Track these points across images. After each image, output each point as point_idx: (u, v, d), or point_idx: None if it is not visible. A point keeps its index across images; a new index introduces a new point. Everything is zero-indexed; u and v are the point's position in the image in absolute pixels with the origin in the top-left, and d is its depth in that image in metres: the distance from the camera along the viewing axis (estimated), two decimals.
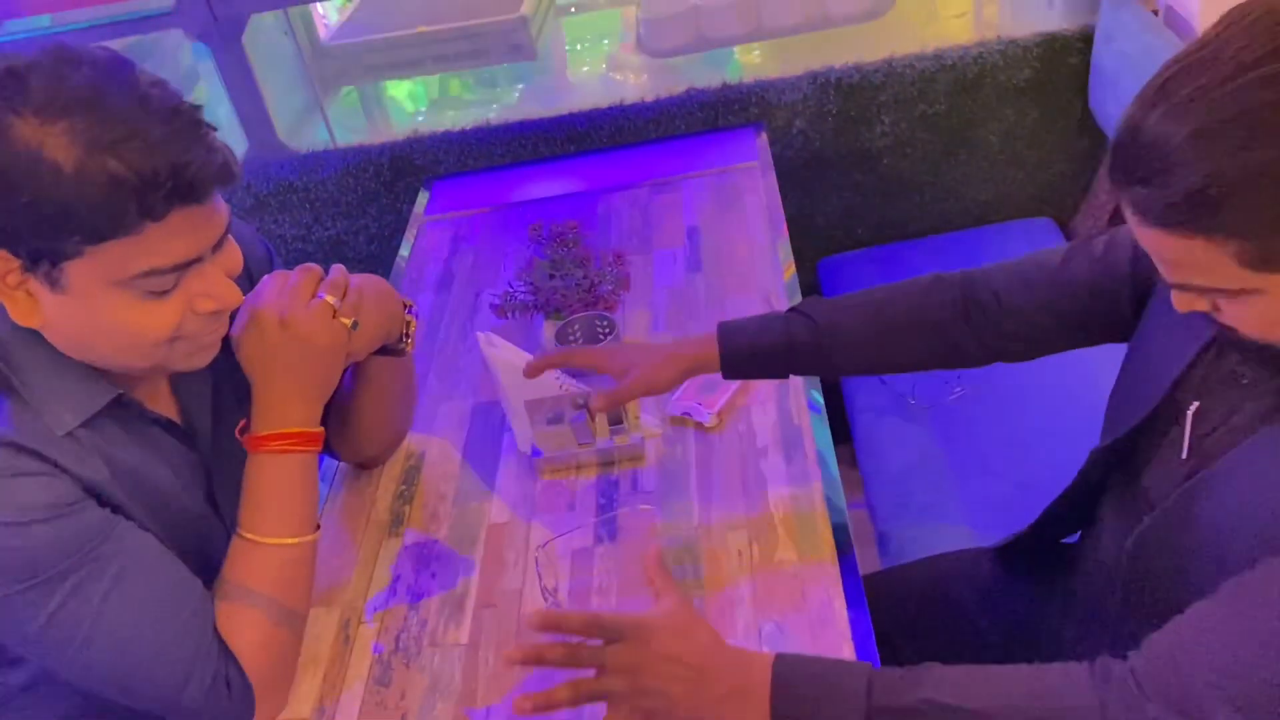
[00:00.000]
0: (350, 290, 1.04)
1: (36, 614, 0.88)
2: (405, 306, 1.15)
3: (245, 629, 0.98)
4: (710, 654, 0.85)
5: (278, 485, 1.01)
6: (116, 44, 1.79)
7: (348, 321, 1.02)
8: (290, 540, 1.01)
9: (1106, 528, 1.00)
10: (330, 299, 1.01)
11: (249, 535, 1.00)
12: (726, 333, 1.10)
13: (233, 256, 0.94)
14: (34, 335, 0.91)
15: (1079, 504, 1.06)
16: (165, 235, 0.85)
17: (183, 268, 0.88)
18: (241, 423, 1.03)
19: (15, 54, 0.84)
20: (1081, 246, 1.02)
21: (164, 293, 0.88)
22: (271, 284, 1.02)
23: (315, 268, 1.04)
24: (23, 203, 0.81)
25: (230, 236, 0.93)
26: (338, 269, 1.05)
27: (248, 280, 1.06)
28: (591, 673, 0.86)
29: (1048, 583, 1.15)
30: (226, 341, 1.00)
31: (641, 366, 1.09)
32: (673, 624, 0.87)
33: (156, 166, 0.81)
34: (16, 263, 0.85)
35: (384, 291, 1.11)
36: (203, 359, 0.97)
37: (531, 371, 1.13)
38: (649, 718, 0.84)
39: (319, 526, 1.05)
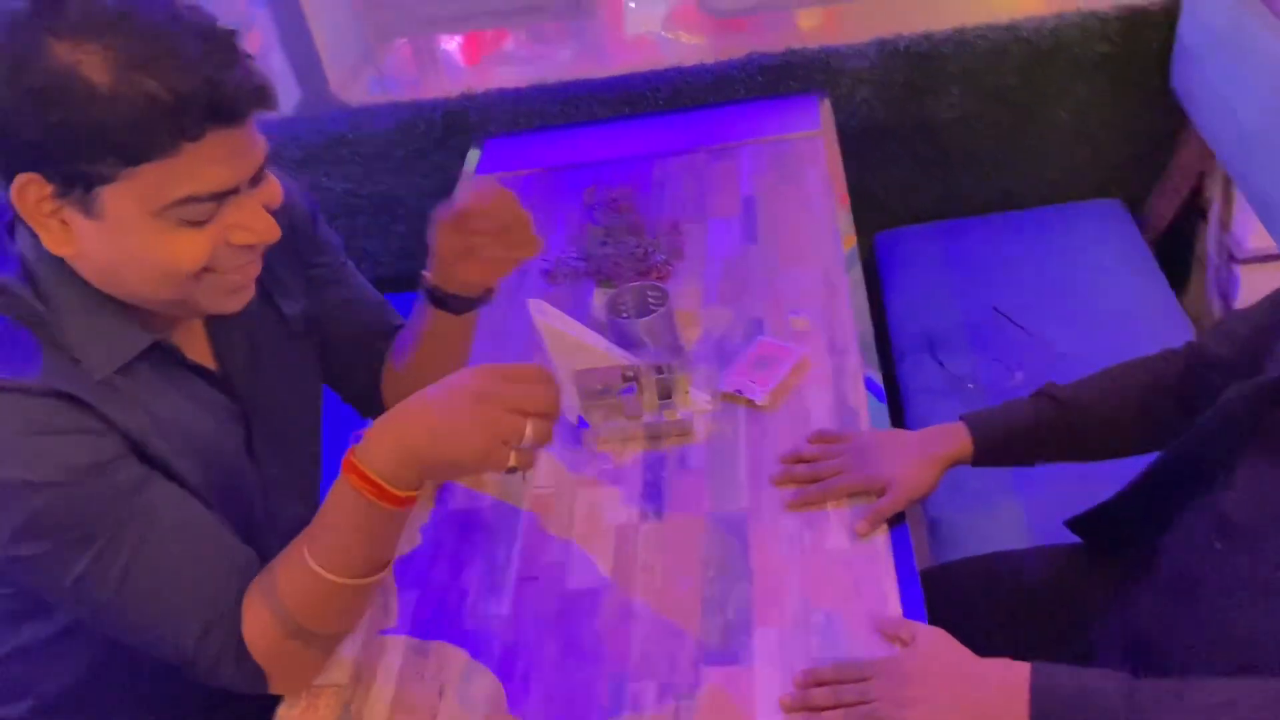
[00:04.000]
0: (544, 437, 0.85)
1: (67, 570, 0.87)
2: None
3: (259, 631, 0.93)
4: (967, 660, 0.90)
5: (359, 525, 0.89)
6: None
7: (512, 462, 0.84)
8: (351, 581, 0.92)
9: (1243, 476, 0.91)
10: (528, 436, 0.83)
11: (311, 563, 0.90)
12: (975, 424, 1.12)
13: (272, 191, 0.91)
14: (68, 274, 0.89)
15: (1197, 460, 0.98)
16: (202, 159, 0.83)
17: (220, 197, 0.86)
18: (358, 432, 0.89)
19: None
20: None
21: (200, 223, 0.86)
22: (503, 373, 0.86)
23: (554, 381, 0.87)
24: (55, 123, 0.79)
25: (269, 172, 0.91)
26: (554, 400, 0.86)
27: (290, 231, 1.03)
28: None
29: (1133, 574, 1.06)
30: (264, 288, 0.96)
31: (901, 481, 1.08)
32: (925, 645, 0.92)
33: (192, 84, 0.80)
34: (50, 188, 0.83)
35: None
36: (234, 303, 0.94)
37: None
38: None
39: (389, 563, 0.94)
